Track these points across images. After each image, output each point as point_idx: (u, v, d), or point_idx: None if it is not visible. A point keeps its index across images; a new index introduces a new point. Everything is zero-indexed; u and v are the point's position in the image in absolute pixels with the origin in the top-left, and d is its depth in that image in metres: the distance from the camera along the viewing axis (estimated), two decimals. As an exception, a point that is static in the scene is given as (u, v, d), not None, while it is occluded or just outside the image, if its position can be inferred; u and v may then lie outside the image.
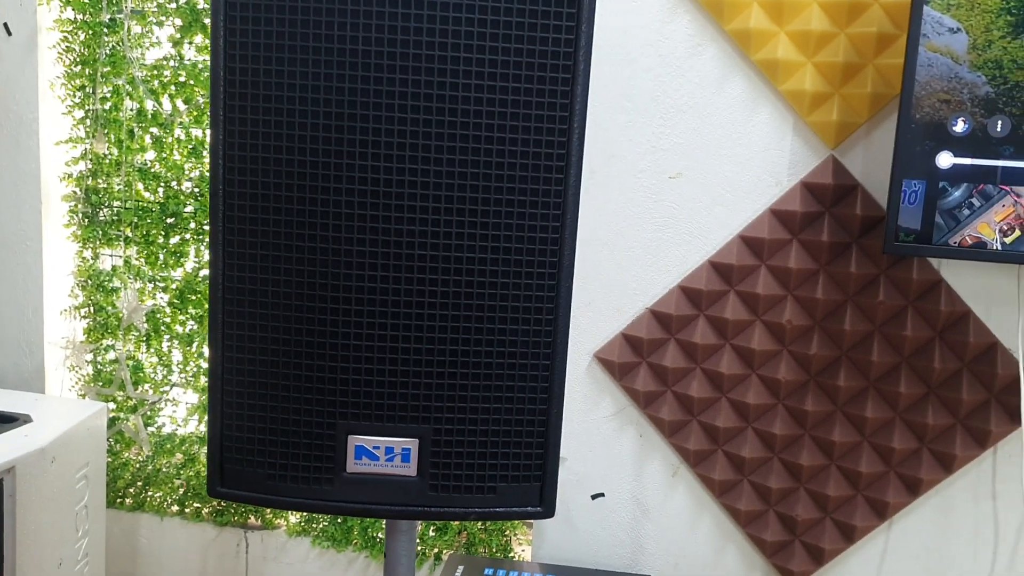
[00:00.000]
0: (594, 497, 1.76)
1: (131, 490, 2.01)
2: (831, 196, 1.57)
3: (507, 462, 1.00)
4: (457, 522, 1.88)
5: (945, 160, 1.37)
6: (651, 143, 1.64)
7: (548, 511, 1.01)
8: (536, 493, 1.01)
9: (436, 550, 1.89)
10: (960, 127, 1.36)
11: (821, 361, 1.61)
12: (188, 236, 1.92)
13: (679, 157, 1.63)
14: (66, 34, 1.91)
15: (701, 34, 1.59)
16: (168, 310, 1.96)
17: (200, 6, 1.84)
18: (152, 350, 1.98)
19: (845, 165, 1.57)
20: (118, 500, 2.02)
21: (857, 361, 1.59)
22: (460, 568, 1.69)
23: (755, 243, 1.60)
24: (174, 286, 1.95)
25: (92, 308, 2.00)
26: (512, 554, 1.89)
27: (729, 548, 1.72)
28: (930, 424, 1.57)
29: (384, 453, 0.98)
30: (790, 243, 1.59)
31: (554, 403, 1.00)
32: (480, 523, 1.87)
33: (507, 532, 1.89)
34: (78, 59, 1.91)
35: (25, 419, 1.60)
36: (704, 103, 1.61)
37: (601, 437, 1.74)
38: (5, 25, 1.90)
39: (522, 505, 1.01)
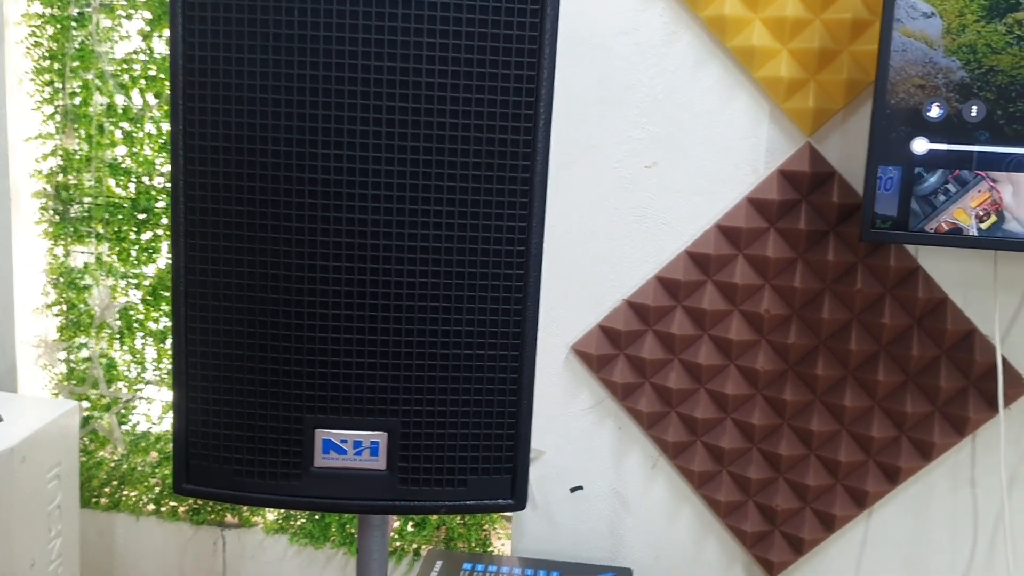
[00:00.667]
0: (573, 490, 1.75)
1: (106, 489, 1.99)
2: (808, 184, 1.56)
3: (477, 454, 0.99)
4: (435, 517, 1.86)
5: (920, 146, 1.36)
6: (627, 133, 1.62)
7: (520, 503, 1.00)
8: (507, 485, 1.00)
9: (415, 546, 1.87)
10: (935, 112, 1.35)
11: (799, 350, 1.60)
12: (160, 232, 1.90)
13: (655, 146, 1.62)
14: (34, 28, 1.88)
15: (676, 21, 1.58)
16: (141, 307, 1.93)
17: (170, -2, 1.82)
18: (126, 347, 1.96)
19: (821, 152, 1.56)
20: (93, 500, 1.99)
21: (835, 350, 1.59)
22: (439, 563, 1.67)
23: (732, 232, 1.59)
24: (147, 282, 1.92)
25: (64, 306, 1.97)
26: (491, 548, 1.88)
27: (709, 539, 1.71)
28: (908, 412, 1.56)
29: (352, 447, 0.96)
30: (767, 232, 1.58)
31: (524, 394, 0.98)
32: (459, 518, 1.85)
33: (486, 527, 1.87)
34: (47, 54, 1.89)
35: (-5, 419, 1.58)
36: (680, 91, 1.60)
37: (579, 430, 1.73)
38: (-30, 19, 1.88)
39: (493, 498, 1.00)
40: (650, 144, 1.62)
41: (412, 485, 0.98)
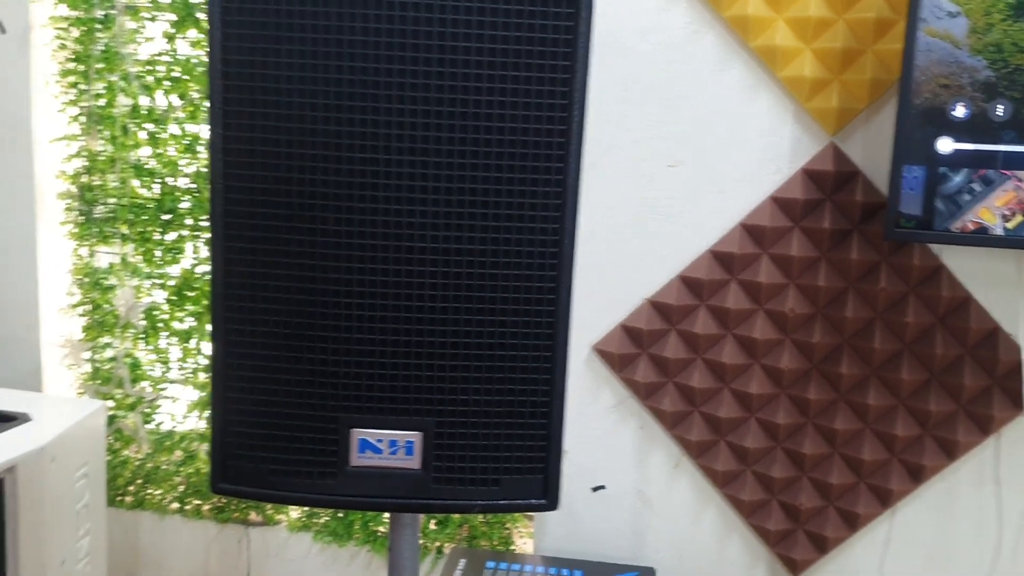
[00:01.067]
0: (595, 489, 1.76)
1: (131, 488, 2.01)
2: (832, 183, 1.56)
3: (510, 454, 0.99)
4: (459, 515, 1.87)
5: (945, 145, 1.36)
6: (650, 132, 1.63)
7: (552, 503, 1.01)
8: (540, 485, 1.01)
9: (438, 544, 1.88)
10: (960, 112, 1.35)
11: (823, 349, 1.60)
12: (185, 232, 1.91)
13: (678, 146, 1.62)
14: (60, 31, 1.90)
15: (698, 21, 1.58)
16: (166, 307, 1.95)
17: (193, 0, 1.83)
18: (150, 347, 1.97)
19: (845, 152, 1.56)
20: (118, 498, 2.01)
21: (859, 349, 1.59)
22: (462, 561, 1.68)
23: (756, 231, 1.60)
24: (171, 283, 1.94)
25: (89, 306, 1.99)
26: (514, 547, 1.89)
27: (733, 538, 1.72)
28: (932, 411, 1.57)
29: (387, 446, 0.97)
30: (791, 231, 1.59)
31: (556, 395, 0.99)
32: (481, 516, 1.86)
33: (508, 525, 1.88)
34: (72, 55, 1.90)
35: (24, 418, 1.59)
36: (703, 91, 1.60)
37: (601, 430, 1.73)
38: (-2, 22, 1.89)
39: (525, 497, 1.01)
40: (673, 144, 1.63)
41: (446, 484, 0.99)
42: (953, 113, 1.36)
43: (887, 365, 1.58)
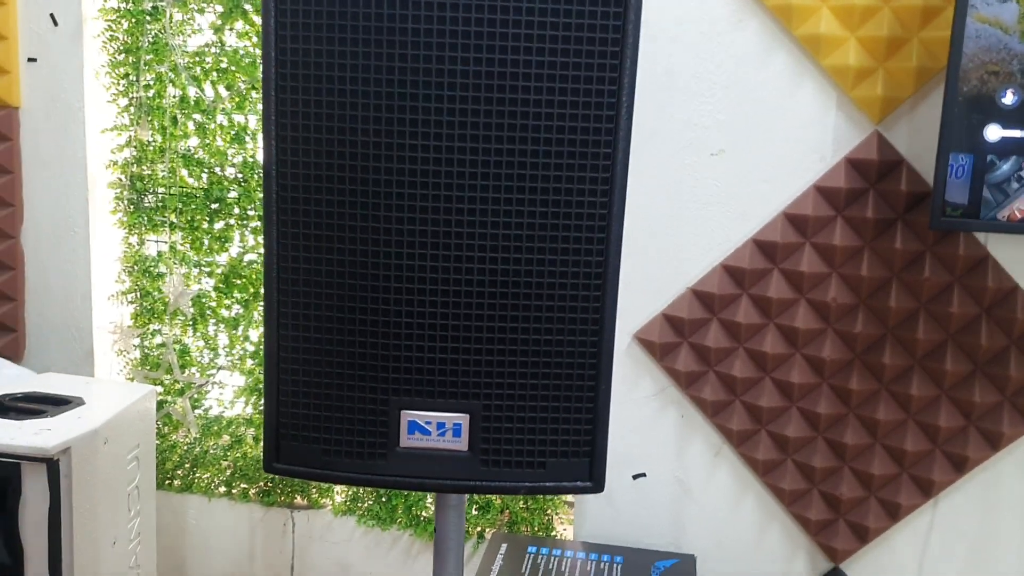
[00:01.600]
0: (635, 477, 1.77)
1: (179, 472, 2.05)
2: (876, 172, 1.56)
3: (556, 437, 1.01)
4: (499, 501, 1.89)
5: (993, 133, 1.35)
6: (692, 120, 1.63)
7: (598, 486, 1.02)
8: (586, 468, 1.02)
9: (479, 529, 1.90)
10: (1009, 99, 1.34)
11: (866, 339, 1.60)
12: (232, 221, 1.95)
13: (721, 134, 1.62)
14: (110, 23, 1.94)
15: (742, 10, 1.58)
16: (213, 294, 1.99)
17: (240, -8, 1.86)
18: (198, 334, 2.01)
19: (890, 140, 1.55)
20: (167, 482, 2.06)
21: (903, 339, 1.58)
22: (503, 546, 1.70)
23: (799, 220, 1.60)
24: (219, 271, 1.97)
25: (139, 293, 2.03)
26: (554, 533, 1.90)
27: (773, 527, 1.72)
28: (977, 402, 1.56)
29: (436, 428, 0.99)
30: (835, 220, 1.58)
31: (602, 379, 1.00)
32: (523, 502, 1.88)
33: (549, 511, 1.90)
34: (122, 47, 1.94)
35: (78, 402, 1.63)
36: (746, 79, 1.60)
37: (642, 417, 1.74)
38: (52, 16, 1.93)
39: (571, 480, 1.02)
40: (715, 132, 1.63)
41: (493, 466, 1.01)
42: (1002, 100, 1.35)
43: (931, 356, 1.58)
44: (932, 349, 1.57)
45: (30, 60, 1.97)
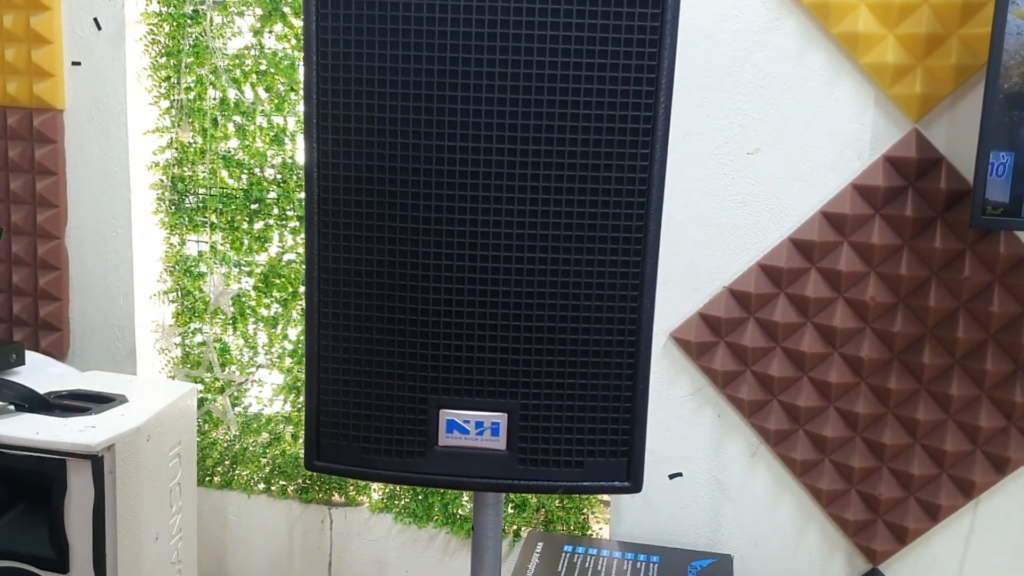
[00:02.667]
0: (672, 477, 1.77)
1: (219, 468, 2.08)
2: (915, 170, 1.54)
3: (594, 437, 1.01)
4: (535, 500, 1.90)
5: (1035, 131, 1.34)
6: (728, 119, 1.63)
7: (636, 486, 1.02)
8: (623, 468, 1.02)
9: (515, 527, 1.91)
10: (1051, 96, 1.33)
11: (905, 339, 1.58)
12: (271, 222, 1.97)
13: (757, 133, 1.62)
14: (152, 27, 1.97)
15: (778, 7, 1.58)
16: (253, 294, 2.01)
17: (279, -5, 1.89)
18: (238, 332, 2.04)
19: (929, 138, 1.54)
20: (207, 478, 2.09)
21: (942, 338, 1.57)
22: (539, 545, 1.71)
23: (837, 219, 1.59)
24: (259, 270, 2.00)
25: (180, 293, 2.06)
26: (590, 532, 1.91)
27: (811, 528, 1.71)
28: (1018, 402, 1.54)
29: (474, 427, 1.00)
30: (873, 218, 1.57)
31: (640, 378, 1.01)
32: (559, 501, 1.88)
33: (585, 510, 1.90)
34: (163, 50, 1.97)
35: (121, 399, 1.66)
36: (783, 77, 1.59)
37: (678, 417, 1.74)
38: (95, 20, 1.97)
39: (609, 480, 1.02)
40: (752, 131, 1.62)
41: (531, 465, 1.01)
42: (1044, 98, 1.33)
43: (971, 355, 1.56)
44: (972, 349, 1.56)
45: (74, 64, 2.01)
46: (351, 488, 2.02)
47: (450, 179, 0.95)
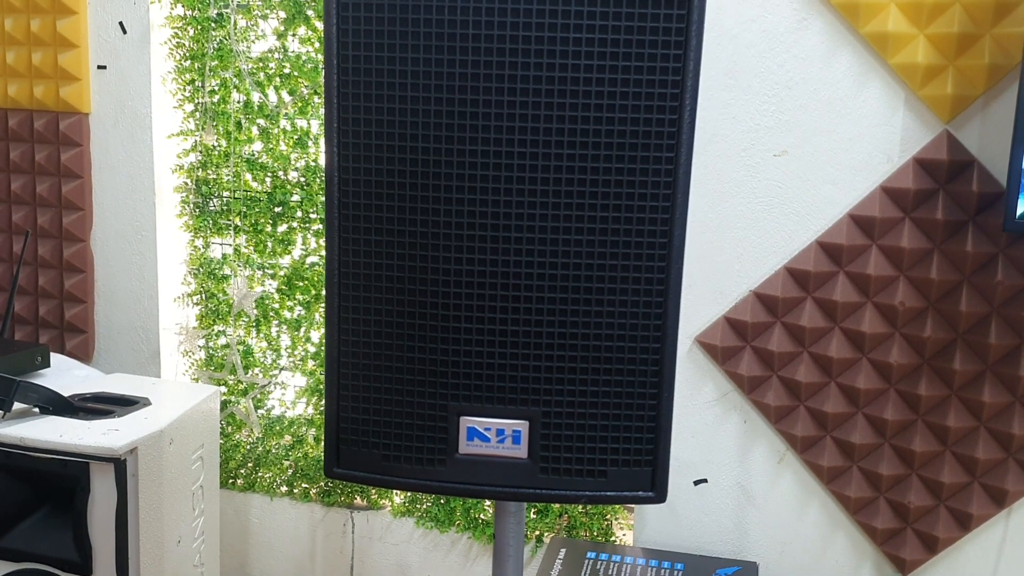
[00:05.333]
0: (697, 483, 1.75)
1: (242, 471, 2.08)
2: (946, 172, 1.51)
3: (618, 446, 1.00)
4: (558, 506, 1.89)
5: (1071, 132, 1.31)
6: (755, 121, 1.61)
7: (660, 496, 1.01)
8: (648, 477, 1.01)
9: (538, 533, 1.90)
10: (1088, 97, 1.29)
11: (935, 344, 1.55)
12: (295, 224, 1.97)
13: (784, 135, 1.59)
14: (176, 30, 1.97)
15: (806, 8, 1.55)
16: (277, 296, 2.01)
17: (303, -2, 1.88)
18: (262, 335, 2.04)
19: (960, 140, 1.51)
20: (230, 481, 2.09)
21: (974, 344, 1.54)
22: (562, 551, 1.69)
23: (865, 222, 1.56)
24: (282, 273, 2.00)
25: (204, 295, 2.07)
26: (613, 538, 1.89)
27: (838, 535, 1.68)
28: (1053, 409, 1.51)
29: (495, 435, 0.99)
30: (902, 222, 1.54)
31: (665, 387, 0.99)
32: (582, 507, 1.87)
33: (608, 516, 1.88)
34: (188, 54, 1.98)
35: (144, 402, 1.66)
36: (810, 79, 1.57)
37: (703, 423, 1.72)
38: (121, 24, 1.98)
39: (633, 489, 1.01)
40: (778, 132, 1.60)
41: (553, 474, 1.00)
42: (1079, 99, 1.30)
43: (1003, 361, 1.53)
44: (1005, 354, 1.53)
45: (100, 67, 2.02)
46: (373, 492, 2.01)
47: (471, 183, 0.94)
